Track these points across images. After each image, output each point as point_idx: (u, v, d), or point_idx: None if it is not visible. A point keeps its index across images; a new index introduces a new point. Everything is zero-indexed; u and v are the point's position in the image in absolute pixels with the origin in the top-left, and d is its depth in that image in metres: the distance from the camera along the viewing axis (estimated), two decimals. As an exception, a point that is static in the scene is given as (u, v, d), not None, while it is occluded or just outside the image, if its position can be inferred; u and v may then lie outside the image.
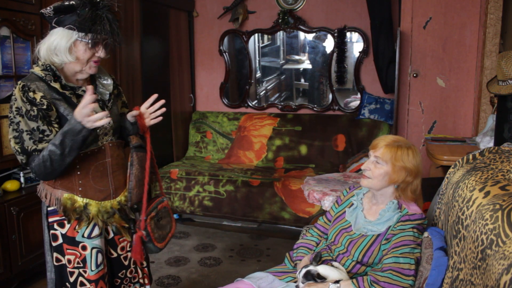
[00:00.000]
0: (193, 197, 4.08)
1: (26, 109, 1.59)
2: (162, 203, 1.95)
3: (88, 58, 1.68)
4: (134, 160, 1.81)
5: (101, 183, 1.78)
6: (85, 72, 1.72)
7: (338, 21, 4.39)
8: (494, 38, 3.39)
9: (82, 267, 1.77)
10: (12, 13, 2.75)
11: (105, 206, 1.79)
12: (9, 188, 2.85)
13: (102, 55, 1.69)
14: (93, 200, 1.77)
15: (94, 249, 1.78)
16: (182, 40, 4.74)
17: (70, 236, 1.76)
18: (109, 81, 1.85)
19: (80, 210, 1.74)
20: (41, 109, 1.60)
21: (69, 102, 1.67)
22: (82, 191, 1.75)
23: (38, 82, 1.63)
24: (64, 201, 1.73)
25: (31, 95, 1.59)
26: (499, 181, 1.42)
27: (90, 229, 1.77)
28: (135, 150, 1.83)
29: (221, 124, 4.79)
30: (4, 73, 2.76)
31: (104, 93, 1.81)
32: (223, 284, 2.04)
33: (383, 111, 4.26)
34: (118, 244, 1.88)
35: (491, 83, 2.45)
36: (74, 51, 1.65)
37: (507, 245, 1.11)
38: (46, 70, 1.65)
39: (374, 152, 1.79)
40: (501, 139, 2.33)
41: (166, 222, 1.96)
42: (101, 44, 1.67)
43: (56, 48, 1.64)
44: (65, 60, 1.66)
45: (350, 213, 1.88)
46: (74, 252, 1.77)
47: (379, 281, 1.62)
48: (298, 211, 3.76)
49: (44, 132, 1.61)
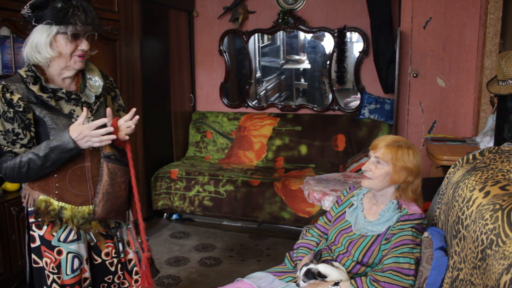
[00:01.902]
0: (193, 197, 4.08)
1: (3, 110, 1.58)
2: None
3: (71, 52, 1.64)
4: (104, 171, 1.68)
5: (78, 187, 1.72)
6: (71, 68, 1.67)
7: (338, 21, 4.39)
8: (494, 38, 3.39)
9: (56, 273, 1.72)
10: (12, 13, 2.74)
11: (82, 212, 1.73)
12: (9, 188, 2.84)
13: (85, 47, 1.64)
14: (69, 204, 1.71)
15: (70, 253, 1.72)
16: (182, 40, 4.74)
17: (46, 239, 1.72)
18: (98, 83, 1.78)
19: (54, 213, 1.69)
20: (17, 112, 1.58)
21: (46, 105, 1.63)
22: (58, 194, 1.70)
23: (19, 83, 1.61)
24: (39, 203, 1.69)
25: (8, 96, 1.58)
26: (499, 181, 1.42)
27: (66, 233, 1.72)
28: (105, 160, 1.69)
29: (221, 124, 4.79)
30: (4, 73, 2.76)
31: (90, 96, 1.75)
32: (223, 284, 2.04)
33: (383, 111, 4.26)
34: (102, 250, 1.82)
35: (491, 83, 2.45)
36: (56, 46, 1.62)
37: (507, 245, 1.11)
38: (28, 71, 1.63)
39: (375, 152, 1.79)
40: (501, 139, 2.33)
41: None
42: (82, 36, 1.64)
43: (37, 46, 1.61)
44: (47, 55, 1.62)
45: (350, 213, 1.88)
46: (50, 256, 1.72)
47: (379, 281, 1.62)
48: (298, 211, 3.76)
49: (18, 135, 1.59)
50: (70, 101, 1.68)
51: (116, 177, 1.70)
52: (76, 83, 1.75)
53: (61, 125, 1.64)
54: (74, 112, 1.68)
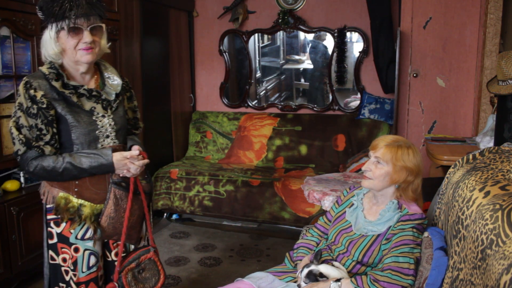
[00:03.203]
0: (193, 197, 4.08)
1: (26, 105, 1.61)
2: (147, 255, 1.87)
3: (74, 46, 1.65)
4: (110, 197, 1.74)
5: (98, 185, 1.75)
6: (80, 62, 1.69)
7: (338, 21, 4.39)
8: (494, 38, 3.39)
9: (73, 269, 1.75)
10: (12, 13, 2.75)
11: (101, 210, 1.77)
12: (9, 188, 2.84)
13: (88, 40, 1.65)
14: (88, 202, 1.74)
15: (87, 251, 1.76)
16: (182, 40, 4.74)
17: (64, 236, 1.75)
18: (117, 81, 1.82)
19: (73, 210, 1.72)
20: (40, 108, 1.61)
21: (68, 101, 1.67)
22: (77, 192, 1.73)
23: (41, 80, 1.64)
24: (59, 200, 1.72)
25: (32, 93, 1.60)
26: (499, 181, 1.42)
27: (84, 230, 1.75)
28: (113, 186, 1.74)
29: (221, 124, 4.79)
30: (4, 73, 2.76)
31: (110, 93, 1.78)
32: (223, 284, 2.04)
33: (383, 111, 4.26)
34: (112, 249, 1.86)
35: (491, 83, 2.45)
36: (60, 42, 1.65)
37: (507, 245, 1.11)
38: (50, 68, 1.66)
39: (375, 152, 1.79)
40: (501, 139, 2.33)
41: (151, 275, 1.88)
42: (85, 29, 1.64)
43: (45, 43, 1.66)
44: (54, 51, 1.65)
45: (350, 213, 1.88)
46: (68, 252, 1.76)
47: (379, 280, 1.62)
48: (298, 211, 3.76)
49: (41, 130, 1.62)
50: (91, 98, 1.71)
51: (122, 204, 1.75)
52: (95, 81, 1.78)
53: (83, 122, 1.68)
54: (95, 109, 1.72)
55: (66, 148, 1.70)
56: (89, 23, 1.65)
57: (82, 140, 1.69)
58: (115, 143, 1.77)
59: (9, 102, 2.81)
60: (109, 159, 1.68)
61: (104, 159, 1.68)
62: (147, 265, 1.87)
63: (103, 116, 1.73)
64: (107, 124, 1.74)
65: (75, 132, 1.67)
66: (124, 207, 1.76)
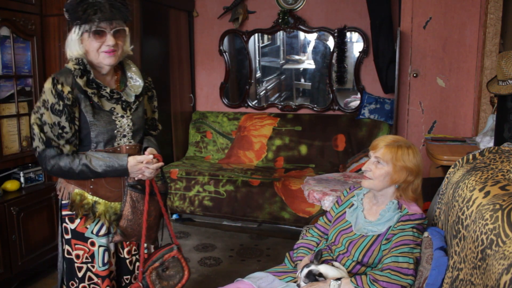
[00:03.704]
0: (193, 197, 4.08)
1: (52, 102, 1.63)
2: (170, 253, 1.90)
3: (97, 49, 1.68)
4: (127, 200, 1.78)
5: (113, 183, 1.78)
6: (102, 64, 1.72)
7: (338, 21, 4.39)
8: (494, 38, 3.39)
9: (90, 262, 1.79)
10: (12, 13, 2.75)
11: (115, 207, 1.80)
12: (9, 188, 2.84)
13: (111, 43, 1.68)
14: (103, 200, 1.78)
15: (101, 247, 1.80)
16: (182, 40, 4.74)
17: (79, 232, 1.78)
18: (139, 82, 1.85)
19: (88, 207, 1.76)
20: (66, 105, 1.63)
21: (90, 100, 1.70)
22: (93, 189, 1.76)
23: (67, 76, 1.66)
24: (74, 197, 1.76)
25: (59, 88, 1.63)
26: (499, 181, 1.42)
27: (98, 226, 1.79)
28: (129, 189, 1.78)
29: (221, 124, 4.79)
30: (4, 73, 2.76)
31: (130, 95, 1.81)
32: (223, 284, 2.04)
33: (383, 111, 4.26)
34: (125, 246, 1.88)
35: (491, 83, 2.45)
36: (84, 44, 1.68)
37: (507, 245, 1.11)
38: (77, 64, 1.69)
39: (375, 152, 1.79)
40: (501, 139, 2.33)
41: (175, 272, 1.91)
42: (108, 32, 1.67)
43: (69, 44, 1.70)
44: (77, 52, 1.68)
45: (350, 213, 1.88)
46: (82, 247, 1.79)
47: (378, 280, 1.62)
48: (298, 211, 3.76)
49: (63, 128, 1.64)
50: (111, 99, 1.74)
51: (138, 206, 1.79)
52: (116, 81, 1.81)
53: (102, 121, 1.71)
54: (114, 109, 1.75)
55: (84, 146, 1.73)
56: (112, 27, 1.68)
57: (100, 139, 1.72)
58: (131, 143, 1.80)
59: (9, 102, 2.82)
60: (123, 165, 1.71)
61: (118, 164, 1.71)
62: (171, 263, 1.91)
63: (122, 116, 1.76)
64: (125, 124, 1.77)
65: (94, 131, 1.70)
66: (140, 208, 1.79)
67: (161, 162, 1.82)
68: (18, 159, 2.87)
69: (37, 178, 3.02)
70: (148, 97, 1.96)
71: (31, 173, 2.97)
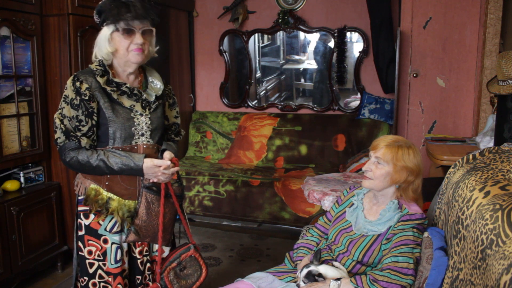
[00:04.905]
0: (193, 197, 4.08)
1: (71, 97, 1.71)
2: (187, 253, 1.94)
3: (127, 47, 1.74)
4: (142, 201, 1.81)
5: (128, 181, 1.81)
6: (130, 63, 1.77)
7: (338, 21, 4.39)
8: (494, 38, 3.39)
9: (102, 260, 1.82)
10: (12, 13, 2.75)
11: (128, 205, 1.82)
12: (9, 188, 2.84)
13: (139, 41, 1.74)
14: (117, 197, 1.80)
15: (114, 244, 1.82)
16: (182, 40, 4.74)
17: (93, 228, 1.81)
18: (159, 85, 1.91)
19: (102, 203, 1.79)
20: (83, 100, 1.70)
21: (110, 97, 1.75)
22: (108, 186, 1.80)
23: (88, 75, 1.74)
24: (89, 191, 1.80)
25: (77, 85, 1.70)
26: (499, 181, 1.42)
27: (112, 223, 1.81)
28: (145, 190, 1.81)
29: (221, 124, 4.79)
30: (4, 73, 2.76)
31: (151, 94, 1.86)
32: (223, 284, 2.04)
33: (383, 111, 4.26)
34: (137, 246, 1.89)
35: (491, 83, 2.45)
36: (113, 43, 1.74)
37: (507, 245, 1.11)
38: (99, 65, 1.76)
39: (375, 152, 1.79)
40: (501, 139, 2.33)
41: (193, 271, 1.95)
42: (137, 31, 1.73)
43: (99, 43, 1.76)
44: (107, 51, 1.74)
45: (350, 213, 1.88)
46: (95, 244, 1.81)
47: (378, 280, 1.62)
48: (298, 211, 3.76)
49: (81, 121, 1.71)
50: (132, 96, 1.79)
51: (153, 207, 1.81)
52: (139, 83, 1.87)
53: (121, 118, 1.76)
54: (134, 107, 1.79)
55: (102, 142, 1.77)
56: (142, 26, 1.75)
57: (118, 135, 1.76)
58: (149, 142, 1.83)
59: (9, 102, 2.81)
60: (139, 165, 1.74)
61: (134, 164, 1.74)
62: (188, 262, 1.94)
63: (141, 114, 1.80)
64: (144, 122, 1.81)
65: (112, 126, 1.75)
66: (155, 210, 1.81)
67: (177, 166, 1.85)
68: (18, 159, 2.87)
69: (37, 178, 3.02)
70: (169, 104, 2.01)
71: (31, 173, 2.97)
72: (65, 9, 2.95)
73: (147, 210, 1.80)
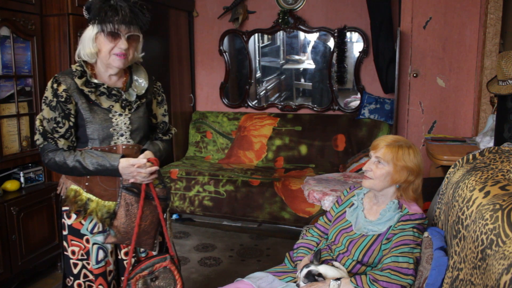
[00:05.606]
0: (193, 197, 4.08)
1: (49, 99, 1.70)
2: (162, 263, 1.85)
3: (110, 50, 1.70)
4: (121, 203, 1.76)
5: (107, 182, 1.79)
6: (112, 66, 1.74)
7: (338, 21, 4.39)
8: (494, 38, 3.39)
9: (85, 259, 1.81)
10: (12, 13, 2.75)
11: (108, 206, 1.79)
12: (9, 188, 2.84)
13: (123, 46, 1.70)
14: (96, 198, 1.79)
15: (95, 245, 1.80)
16: (182, 40, 4.74)
17: (75, 228, 1.80)
18: (144, 84, 1.85)
19: (81, 203, 1.77)
20: (59, 101, 1.69)
21: (87, 98, 1.73)
22: (88, 186, 1.78)
23: (67, 76, 1.72)
24: (69, 192, 1.79)
25: (55, 86, 1.70)
26: (499, 181, 1.42)
27: (93, 224, 1.80)
28: (123, 191, 1.76)
29: (221, 124, 4.79)
30: (4, 73, 2.76)
31: (132, 94, 1.82)
32: (223, 284, 2.04)
33: (383, 111, 4.26)
34: (122, 248, 1.88)
35: (491, 83, 2.45)
36: (97, 44, 1.71)
37: (507, 245, 1.11)
38: (79, 66, 1.75)
39: (375, 152, 1.79)
40: (501, 139, 2.33)
41: (165, 284, 1.86)
42: (123, 36, 1.69)
43: (83, 42, 1.73)
44: (90, 50, 1.71)
45: (350, 213, 1.88)
46: (78, 244, 1.80)
47: (378, 280, 1.62)
48: (298, 211, 3.76)
49: (58, 123, 1.70)
50: (111, 97, 1.76)
51: (132, 209, 1.77)
52: (123, 83, 1.83)
53: (98, 119, 1.74)
54: (112, 107, 1.76)
55: (82, 143, 1.76)
56: (128, 31, 1.70)
57: (95, 136, 1.74)
58: (129, 142, 1.80)
59: (9, 102, 2.81)
60: (114, 165, 1.71)
61: (110, 164, 1.71)
62: (162, 273, 1.86)
63: (120, 114, 1.77)
64: (123, 123, 1.78)
65: (89, 127, 1.73)
66: (134, 212, 1.77)
67: (156, 166, 1.78)
68: (18, 159, 2.87)
69: (37, 178, 3.02)
70: (158, 102, 1.96)
71: (31, 173, 2.97)
72: (65, 9, 2.96)
73: (126, 212, 1.76)
